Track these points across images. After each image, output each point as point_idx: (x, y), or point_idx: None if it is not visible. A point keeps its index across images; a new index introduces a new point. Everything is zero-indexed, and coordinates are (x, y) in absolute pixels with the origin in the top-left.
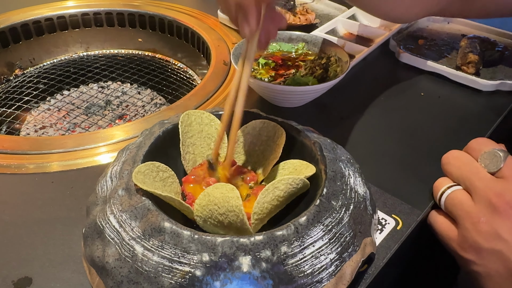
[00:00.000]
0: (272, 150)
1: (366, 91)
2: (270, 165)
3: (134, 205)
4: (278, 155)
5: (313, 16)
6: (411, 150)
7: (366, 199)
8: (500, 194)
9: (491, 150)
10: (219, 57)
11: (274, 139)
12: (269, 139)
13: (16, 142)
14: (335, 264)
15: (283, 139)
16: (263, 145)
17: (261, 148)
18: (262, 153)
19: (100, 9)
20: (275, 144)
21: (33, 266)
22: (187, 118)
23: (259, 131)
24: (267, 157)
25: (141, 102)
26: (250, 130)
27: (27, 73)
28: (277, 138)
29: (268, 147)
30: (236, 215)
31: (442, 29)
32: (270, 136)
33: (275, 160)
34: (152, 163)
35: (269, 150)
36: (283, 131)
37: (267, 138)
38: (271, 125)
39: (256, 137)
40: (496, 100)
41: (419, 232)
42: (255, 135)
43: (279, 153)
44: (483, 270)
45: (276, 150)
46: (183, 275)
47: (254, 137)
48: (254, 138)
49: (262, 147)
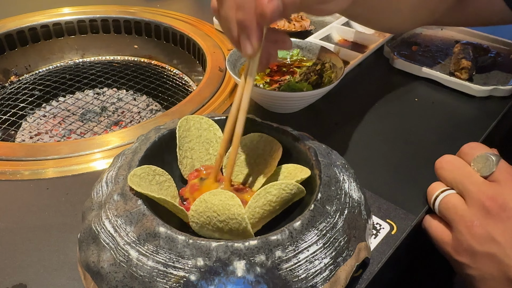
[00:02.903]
0: (268, 164)
1: (360, 97)
2: (264, 178)
3: (129, 210)
4: (273, 169)
5: (308, 22)
6: (405, 155)
7: (360, 204)
8: (493, 198)
9: (483, 154)
10: (215, 64)
11: (270, 153)
12: (265, 153)
13: (11, 148)
14: (329, 269)
15: (279, 153)
16: (259, 158)
17: (257, 161)
18: (257, 166)
19: (96, 16)
20: (271, 158)
21: (27, 273)
22: (186, 123)
23: (256, 144)
24: (262, 171)
25: (136, 108)
26: (248, 143)
27: (22, 79)
28: (274, 152)
29: (264, 160)
30: (239, 223)
31: (436, 36)
32: (267, 150)
33: (269, 173)
34: (148, 166)
35: (264, 163)
36: (279, 146)
37: (264, 152)
38: (268, 140)
39: (252, 150)
40: (489, 105)
41: (414, 236)
42: (252, 148)
43: (274, 167)
44: (478, 273)
45: (272, 164)
46: (177, 280)
47: (251, 150)
48: (250, 150)
49: (258, 160)
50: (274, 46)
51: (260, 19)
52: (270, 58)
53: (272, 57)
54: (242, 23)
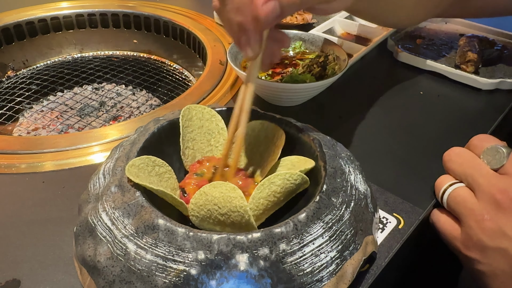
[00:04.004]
0: (271, 152)
1: (364, 90)
2: (268, 166)
3: (127, 202)
4: (277, 157)
5: (310, 16)
6: (411, 149)
7: (367, 196)
8: (504, 191)
9: (493, 146)
10: (215, 57)
11: (273, 140)
12: (268, 140)
13: (6, 141)
14: (335, 263)
15: (283, 140)
16: (261, 146)
17: (260, 149)
18: (261, 154)
19: (95, 10)
20: (274, 146)
21: (22, 268)
22: (188, 113)
23: (258, 132)
24: (266, 159)
25: (136, 103)
26: (249, 131)
27: (20, 74)
28: (277, 139)
29: (267, 148)
30: (241, 216)
31: (440, 29)
32: (270, 137)
33: (273, 161)
34: (147, 157)
35: (268, 151)
36: (282, 132)
37: (266, 140)
38: (270, 127)
39: (255, 138)
40: (496, 98)
41: (421, 231)
42: (254, 136)
43: (278, 155)
44: (488, 269)
45: (275, 151)
46: (177, 274)
47: (253, 139)
48: (252, 139)
49: (260, 148)
50: (277, 45)
51: (256, 24)
52: (273, 57)
53: (275, 56)
54: (241, 26)
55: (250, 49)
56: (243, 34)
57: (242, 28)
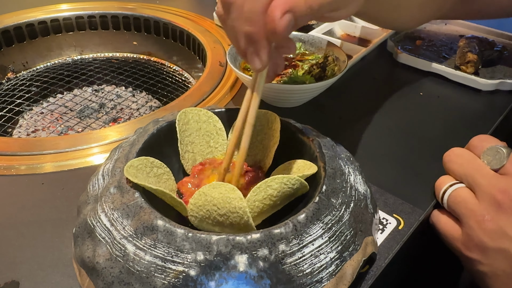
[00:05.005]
0: (270, 136)
1: (364, 92)
2: (272, 152)
3: (126, 203)
4: (277, 140)
5: None
6: (411, 150)
7: (366, 197)
8: (504, 191)
9: (493, 147)
10: (215, 59)
11: (268, 125)
12: (263, 127)
13: (6, 143)
14: (335, 264)
15: (278, 123)
16: (259, 134)
17: (259, 138)
18: (261, 142)
19: (95, 12)
20: (271, 130)
21: (20, 270)
22: (184, 116)
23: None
24: (267, 145)
25: (135, 105)
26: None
27: (19, 76)
28: (271, 123)
29: (265, 135)
30: (240, 217)
31: (440, 30)
32: (264, 123)
33: (275, 145)
34: (146, 158)
35: (267, 137)
36: (275, 115)
37: (262, 127)
38: (261, 113)
39: None
40: (496, 99)
41: (421, 232)
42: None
43: (277, 138)
44: (489, 269)
45: (274, 135)
46: (176, 275)
47: None
48: None
49: (259, 137)
50: (280, 54)
51: (271, 36)
52: (277, 68)
53: (279, 67)
54: (250, 36)
55: (259, 61)
56: (251, 45)
57: (250, 39)
